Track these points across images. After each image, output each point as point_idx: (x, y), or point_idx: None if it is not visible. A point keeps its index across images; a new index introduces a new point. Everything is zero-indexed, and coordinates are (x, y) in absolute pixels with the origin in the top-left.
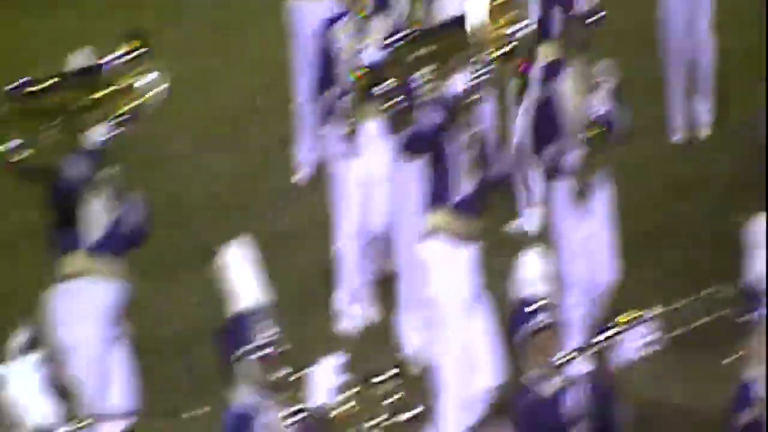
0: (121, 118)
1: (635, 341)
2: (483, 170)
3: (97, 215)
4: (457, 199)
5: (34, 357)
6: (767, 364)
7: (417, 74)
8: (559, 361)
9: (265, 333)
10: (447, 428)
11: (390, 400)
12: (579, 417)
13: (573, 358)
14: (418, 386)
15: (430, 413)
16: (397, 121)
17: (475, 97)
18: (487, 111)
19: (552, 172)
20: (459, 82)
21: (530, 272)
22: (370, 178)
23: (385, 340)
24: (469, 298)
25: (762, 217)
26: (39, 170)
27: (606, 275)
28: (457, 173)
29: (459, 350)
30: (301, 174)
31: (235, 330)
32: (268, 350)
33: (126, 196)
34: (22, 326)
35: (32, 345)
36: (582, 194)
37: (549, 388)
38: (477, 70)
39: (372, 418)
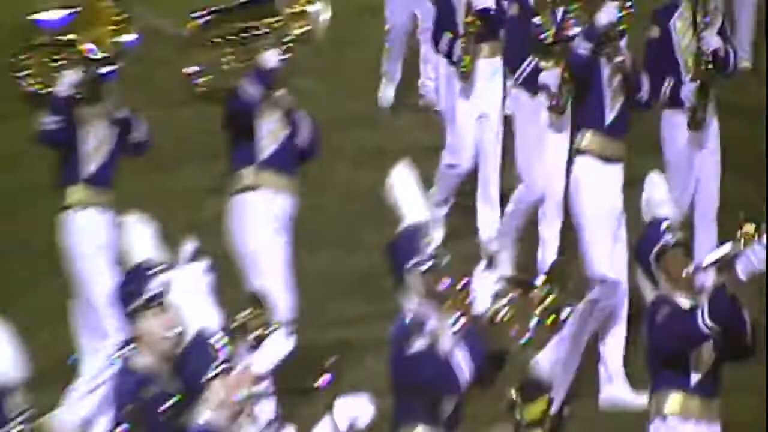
0: (291, 43)
1: (758, 253)
2: (627, 95)
3: (269, 133)
4: (606, 121)
5: (201, 264)
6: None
7: (563, 8)
8: (688, 276)
9: (430, 247)
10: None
11: (545, 304)
12: (712, 328)
13: (701, 272)
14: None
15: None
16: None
17: (619, 29)
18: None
19: (668, 104)
20: (603, 15)
21: (657, 193)
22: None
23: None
24: (615, 213)
25: None
26: (219, 92)
27: (713, 200)
28: (605, 98)
29: (606, 261)
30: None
31: (405, 243)
32: (431, 262)
33: (295, 115)
34: (189, 236)
35: (198, 254)
36: (696, 124)
37: (682, 301)
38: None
39: (528, 321)
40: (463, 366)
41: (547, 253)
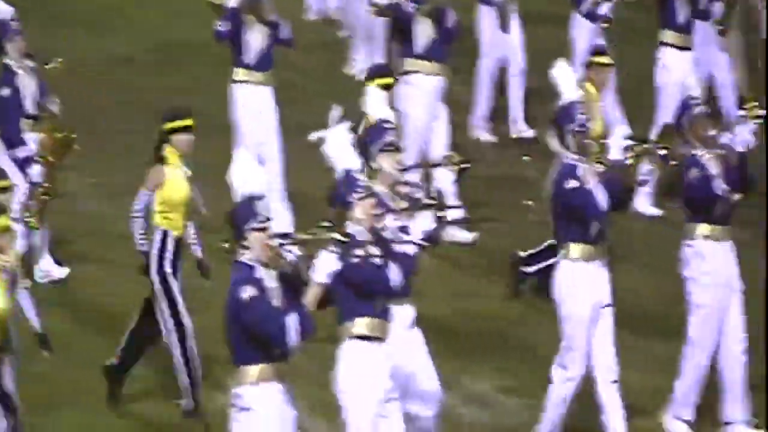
0: None
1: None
2: None
3: (424, 31)
4: None
5: (346, 125)
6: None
7: None
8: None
9: (581, 117)
10: None
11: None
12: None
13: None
14: None
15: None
16: None
17: None
18: None
19: None
20: None
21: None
22: None
23: None
24: None
25: None
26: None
27: None
28: None
29: None
30: None
31: (564, 113)
32: (582, 128)
33: (445, 15)
34: (337, 105)
35: (343, 118)
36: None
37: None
38: None
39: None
40: (395, 271)
41: None
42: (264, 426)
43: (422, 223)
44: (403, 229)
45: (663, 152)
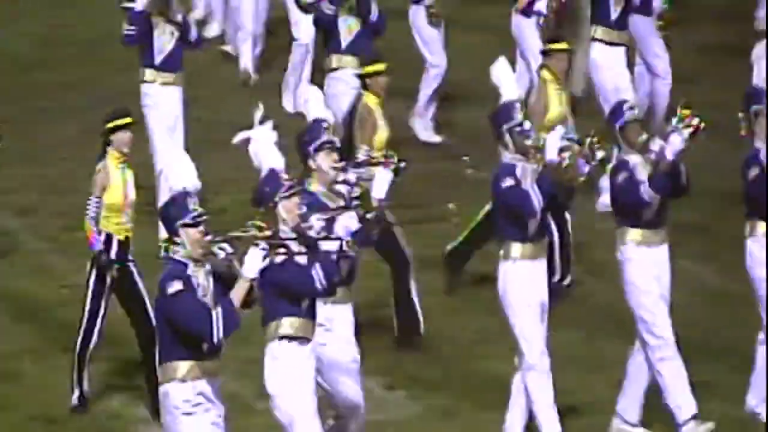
0: None
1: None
2: None
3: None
4: None
5: (269, 125)
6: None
7: None
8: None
9: (519, 117)
10: None
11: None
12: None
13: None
14: None
15: None
16: None
17: None
18: None
19: None
20: None
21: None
22: None
23: None
24: None
25: None
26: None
27: None
28: None
29: None
30: None
31: (503, 112)
32: (521, 128)
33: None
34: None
35: (265, 119)
36: None
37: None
38: None
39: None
40: (319, 271)
41: None
42: (192, 424)
43: (347, 221)
44: (328, 229)
45: (600, 153)
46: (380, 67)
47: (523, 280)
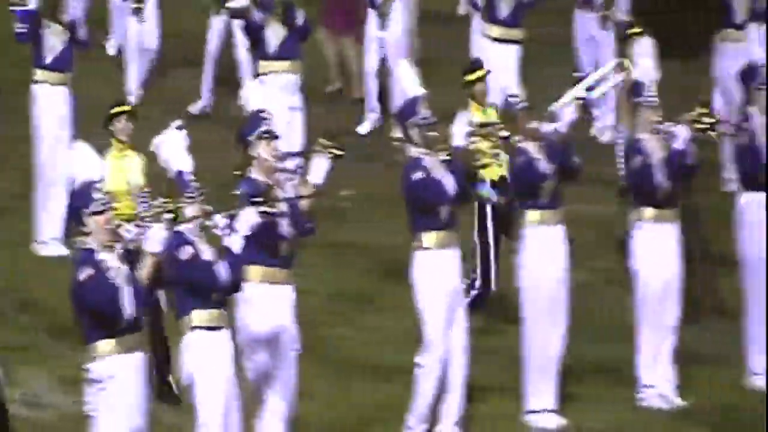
0: None
1: None
2: None
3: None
4: None
5: (181, 131)
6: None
7: None
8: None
9: (424, 114)
10: None
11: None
12: None
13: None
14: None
15: None
16: None
17: None
18: None
19: None
20: None
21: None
22: None
23: None
24: None
25: None
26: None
27: None
28: None
29: None
30: None
31: (407, 108)
32: (426, 121)
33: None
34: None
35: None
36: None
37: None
38: None
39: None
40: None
41: None
42: (115, 399)
43: (248, 216)
44: (231, 224)
45: (504, 134)
46: (482, 72)
47: (433, 268)
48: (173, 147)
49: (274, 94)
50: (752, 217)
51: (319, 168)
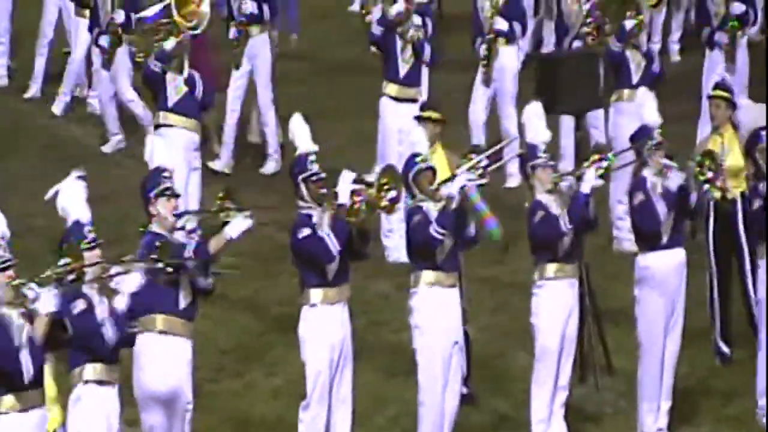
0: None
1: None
2: None
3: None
4: None
5: (80, 181)
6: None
7: None
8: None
9: (314, 168)
10: None
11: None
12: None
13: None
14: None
15: None
16: None
17: None
18: None
19: None
20: None
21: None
22: None
23: None
24: None
25: None
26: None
27: None
28: None
29: None
30: None
31: (298, 164)
32: (315, 177)
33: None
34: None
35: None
36: None
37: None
38: None
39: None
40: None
41: None
42: None
43: (132, 278)
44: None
45: (392, 194)
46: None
47: (319, 325)
48: (70, 195)
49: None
50: (650, 274)
51: (239, 226)
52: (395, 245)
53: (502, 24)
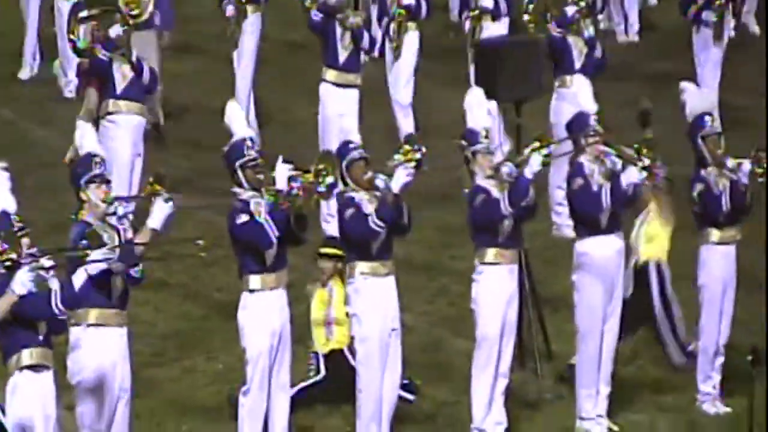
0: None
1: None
2: None
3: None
4: None
5: (4, 171)
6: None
7: None
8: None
9: (252, 153)
10: None
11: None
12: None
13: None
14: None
15: None
16: None
17: None
18: None
19: None
20: None
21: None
22: None
23: None
24: None
25: None
26: None
27: None
28: None
29: None
30: None
31: (234, 150)
32: (252, 162)
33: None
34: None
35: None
36: None
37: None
38: None
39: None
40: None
41: None
42: None
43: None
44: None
45: (330, 180)
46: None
47: (258, 310)
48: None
49: (118, 135)
50: (589, 260)
51: (159, 212)
52: (335, 231)
53: (487, 1)
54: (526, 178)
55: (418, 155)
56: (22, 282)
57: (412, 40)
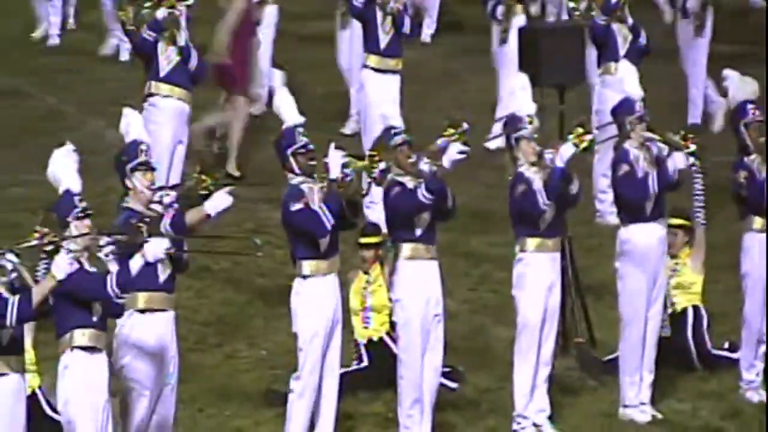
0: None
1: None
2: None
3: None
4: None
5: (70, 148)
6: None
7: None
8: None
9: (303, 140)
10: None
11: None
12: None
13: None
14: None
15: None
16: None
17: None
18: None
19: None
20: None
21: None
22: None
23: None
24: None
25: None
26: None
27: None
28: None
29: None
30: None
31: (286, 137)
32: (304, 149)
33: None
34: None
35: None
36: None
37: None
38: None
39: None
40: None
41: None
42: None
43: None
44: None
45: (382, 166)
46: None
47: (311, 296)
48: (61, 163)
49: (159, 119)
50: (632, 248)
51: (220, 202)
52: (378, 218)
53: None
54: (559, 168)
55: (463, 134)
56: (60, 266)
57: (519, 23)
